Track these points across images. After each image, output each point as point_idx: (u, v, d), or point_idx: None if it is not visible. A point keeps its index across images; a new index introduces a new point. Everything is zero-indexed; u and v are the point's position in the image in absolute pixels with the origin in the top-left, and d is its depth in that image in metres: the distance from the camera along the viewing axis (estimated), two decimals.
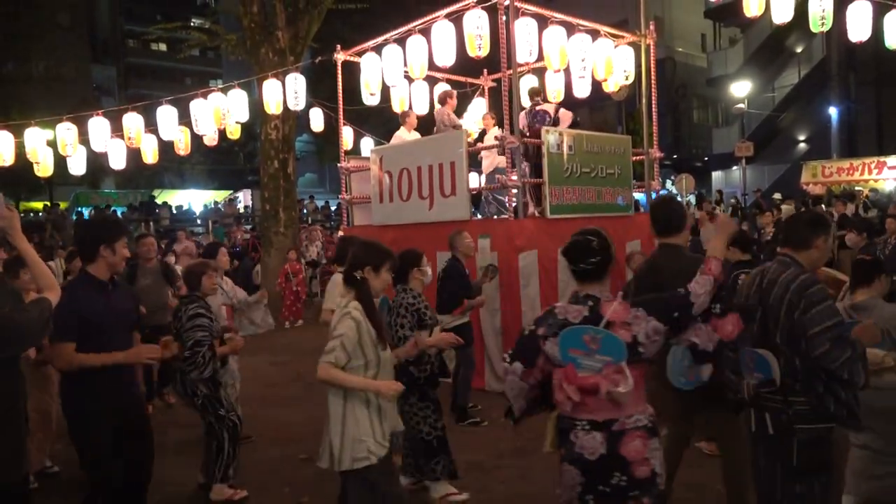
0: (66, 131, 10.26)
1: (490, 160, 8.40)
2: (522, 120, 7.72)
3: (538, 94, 8.20)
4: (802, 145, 27.40)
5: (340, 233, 12.62)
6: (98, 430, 3.25)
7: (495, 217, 8.00)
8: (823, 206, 16.58)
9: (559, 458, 2.62)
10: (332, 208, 22.53)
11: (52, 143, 10.55)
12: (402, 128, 8.83)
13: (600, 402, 2.45)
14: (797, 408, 2.72)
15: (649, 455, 2.49)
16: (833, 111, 24.19)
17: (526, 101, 8.42)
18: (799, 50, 27.96)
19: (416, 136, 8.83)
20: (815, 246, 2.86)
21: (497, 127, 8.67)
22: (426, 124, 9.25)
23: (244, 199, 26.64)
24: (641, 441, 2.49)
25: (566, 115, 8.06)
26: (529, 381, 2.62)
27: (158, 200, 24.30)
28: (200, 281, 4.45)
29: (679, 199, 19.06)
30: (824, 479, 2.79)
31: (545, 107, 8.04)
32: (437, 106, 8.70)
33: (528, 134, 7.62)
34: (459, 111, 9.99)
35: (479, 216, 8.69)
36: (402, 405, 4.18)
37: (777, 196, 19.55)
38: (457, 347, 5.47)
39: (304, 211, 20.15)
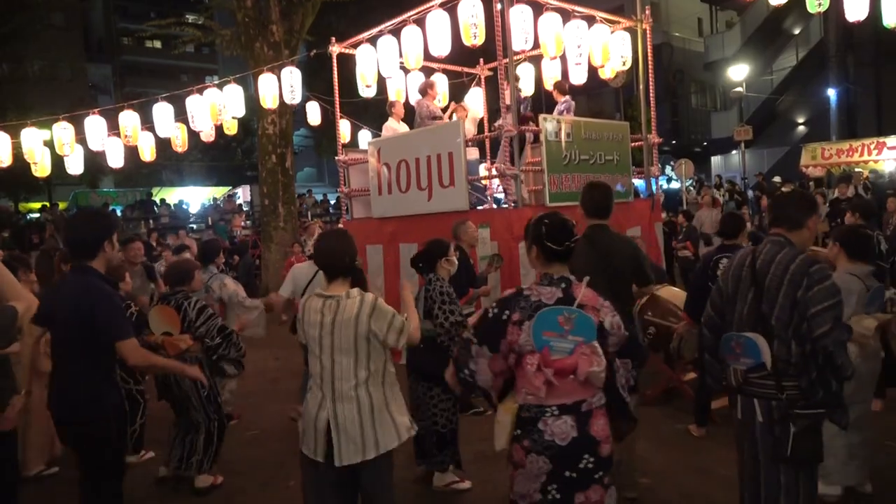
0: (62, 131, 10.24)
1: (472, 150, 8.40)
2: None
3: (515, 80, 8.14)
4: (801, 128, 27.33)
5: (340, 226, 12.61)
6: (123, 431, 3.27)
7: (478, 208, 7.96)
8: (824, 188, 16.57)
9: (514, 453, 2.53)
10: (332, 202, 22.51)
11: (49, 143, 10.53)
12: (390, 119, 8.82)
13: (572, 385, 2.44)
14: (790, 393, 2.64)
15: (609, 433, 2.53)
16: (832, 93, 24.09)
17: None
18: (796, 32, 27.83)
19: (405, 126, 8.80)
20: (807, 226, 2.84)
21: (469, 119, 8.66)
22: None
23: (243, 194, 26.62)
24: (604, 419, 2.52)
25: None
26: (495, 369, 2.53)
27: (157, 198, 24.28)
28: (194, 276, 4.52)
29: (678, 183, 19.05)
30: (809, 470, 2.72)
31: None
32: (418, 97, 8.64)
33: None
34: (457, 101, 9.95)
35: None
36: (423, 394, 4.22)
37: (777, 179, 19.52)
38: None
39: (304, 205, 20.15)
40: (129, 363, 3.11)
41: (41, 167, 10.87)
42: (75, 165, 11.14)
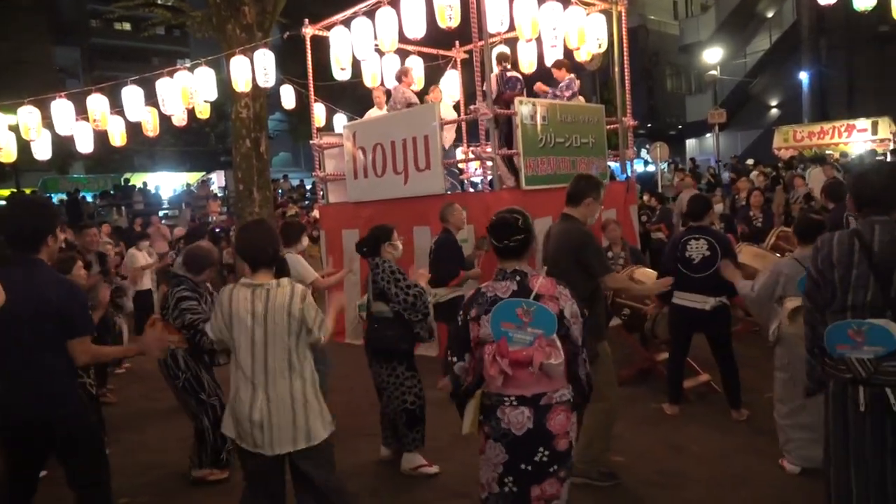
0: (28, 115, 9.98)
1: (449, 135, 8.35)
2: (493, 85, 7.60)
3: (506, 59, 8.02)
4: (774, 111, 27.65)
5: (315, 212, 12.52)
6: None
7: (449, 193, 7.94)
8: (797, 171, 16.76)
9: (481, 438, 2.64)
10: (308, 187, 22.33)
11: (15, 128, 10.27)
12: (374, 107, 8.77)
13: (531, 377, 2.49)
14: None
15: (570, 429, 2.58)
16: (804, 75, 24.38)
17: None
18: (770, 15, 28.06)
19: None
20: None
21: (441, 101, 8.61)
22: None
23: (217, 180, 26.29)
24: (565, 415, 2.56)
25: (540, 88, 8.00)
26: (468, 379, 2.65)
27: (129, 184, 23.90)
28: (205, 271, 4.34)
29: (655, 167, 19.19)
30: None
31: (516, 73, 7.94)
32: (394, 81, 8.56)
33: (496, 101, 7.51)
34: (434, 84, 9.88)
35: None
36: (388, 375, 4.23)
37: (749, 162, 19.73)
38: (451, 321, 5.54)
39: (280, 190, 19.96)
40: (80, 361, 2.97)
41: (6, 153, 10.60)
42: (42, 151, 10.86)
